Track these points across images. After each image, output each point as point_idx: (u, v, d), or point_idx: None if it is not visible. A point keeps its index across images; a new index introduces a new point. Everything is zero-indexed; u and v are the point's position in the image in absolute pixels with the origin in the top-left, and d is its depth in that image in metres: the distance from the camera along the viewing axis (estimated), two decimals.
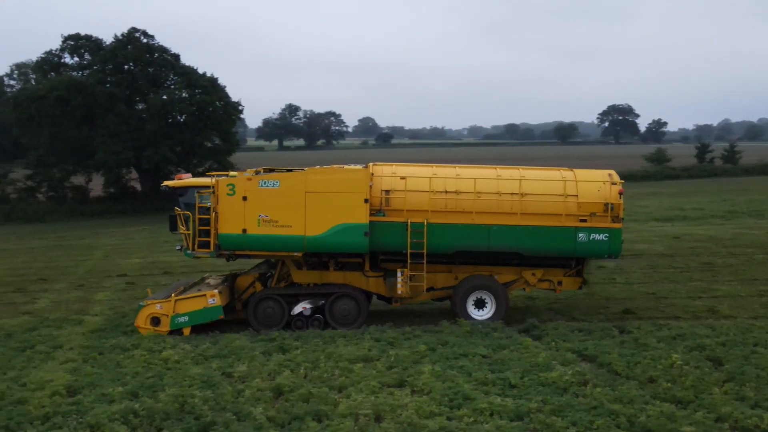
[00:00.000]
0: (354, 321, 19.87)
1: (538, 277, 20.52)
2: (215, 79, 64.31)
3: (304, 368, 15.64)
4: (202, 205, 19.58)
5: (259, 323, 19.79)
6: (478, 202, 19.54)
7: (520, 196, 19.53)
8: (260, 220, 19.24)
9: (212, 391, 14.18)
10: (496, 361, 16.02)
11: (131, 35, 62.52)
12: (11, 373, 16.04)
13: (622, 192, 19.77)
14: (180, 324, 19.38)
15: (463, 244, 19.68)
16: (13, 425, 12.83)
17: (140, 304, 19.81)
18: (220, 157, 63.81)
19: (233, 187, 19.32)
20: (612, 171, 20.44)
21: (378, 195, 19.60)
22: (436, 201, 19.55)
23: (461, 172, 20.08)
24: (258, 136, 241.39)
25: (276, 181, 19.33)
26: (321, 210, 19.16)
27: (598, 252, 19.66)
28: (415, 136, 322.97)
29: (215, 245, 19.53)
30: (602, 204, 19.53)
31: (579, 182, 19.80)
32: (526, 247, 19.64)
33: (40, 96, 57.66)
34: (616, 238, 19.49)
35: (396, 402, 13.53)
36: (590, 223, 19.44)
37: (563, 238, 19.42)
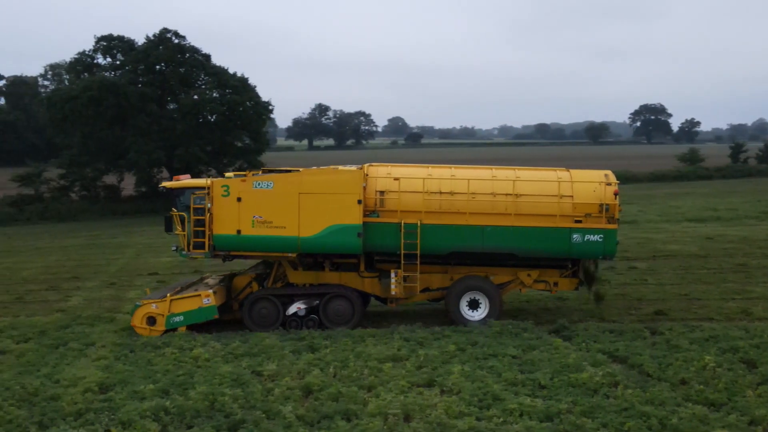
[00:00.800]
0: (348, 321, 19.84)
1: (533, 278, 20.38)
2: (246, 79, 64.66)
3: (333, 367, 15.66)
4: (197, 206, 19.69)
5: (254, 323, 19.87)
6: (472, 203, 19.47)
7: (514, 197, 19.42)
8: (254, 221, 19.34)
9: (242, 390, 14.24)
10: (526, 362, 15.93)
11: (163, 36, 63.00)
12: (45, 370, 16.22)
13: (618, 193, 19.57)
14: (175, 323, 19.47)
15: (457, 245, 19.63)
16: (46, 421, 12.98)
17: (136, 303, 19.92)
18: (250, 157, 64.14)
19: (228, 188, 19.43)
20: (608, 171, 20.24)
21: (372, 196, 19.60)
22: (430, 202, 19.52)
23: (456, 173, 19.99)
24: (288, 136, 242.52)
25: (270, 182, 19.41)
26: (315, 211, 19.22)
27: (593, 253, 19.52)
28: (445, 136, 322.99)
29: (210, 246, 19.66)
30: (598, 205, 19.33)
31: (574, 183, 19.64)
32: (520, 248, 19.56)
33: (73, 96, 58.28)
34: (611, 239, 19.32)
35: (425, 402, 13.50)
36: (585, 224, 19.30)
37: (557, 239, 19.29)
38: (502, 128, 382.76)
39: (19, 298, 25.96)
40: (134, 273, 30.39)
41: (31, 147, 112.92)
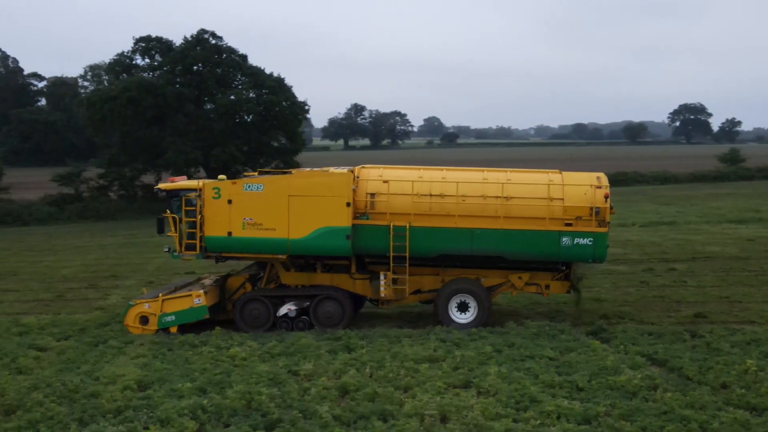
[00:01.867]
0: (338, 323, 19.83)
1: (524, 280, 20.29)
2: (282, 79, 64.94)
3: (369, 367, 15.66)
4: (189, 208, 19.83)
5: (245, 324, 20.00)
6: (461, 206, 19.41)
7: (504, 200, 19.35)
8: (245, 223, 19.47)
9: (279, 389, 14.30)
10: (564, 364, 15.81)
11: (200, 37, 63.49)
12: (84, 367, 16.41)
13: (608, 196, 19.34)
14: (167, 323, 19.67)
15: (446, 248, 19.56)
16: (86, 418, 13.12)
17: (129, 303, 20.17)
18: (286, 157, 64.42)
19: (219, 190, 19.59)
20: (601, 174, 20.06)
21: (363, 198, 19.64)
22: (419, 204, 19.51)
23: (447, 176, 19.96)
24: (324, 136, 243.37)
25: (260, 185, 19.53)
26: (304, 213, 19.29)
27: (583, 256, 19.36)
28: (481, 136, 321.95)
29: (201, 248, 19.83)
30: (588, 208, 19.16)
31: (565, 186, 19.51)
32: (509, 251, 19.45)
33: (112, 97, 58.93)
34: (601, 243, 19.14)
35: (462, 403, 13.45)
36: (575, 227, 19.12)
37: (546, 242, 19.15)
38: (539, 128, 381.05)
39: (60, 296, 26.33)
40: (171, 272, 30.63)
41: (71, 147, 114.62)
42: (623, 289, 24.75)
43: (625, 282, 25.96)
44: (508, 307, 22.29)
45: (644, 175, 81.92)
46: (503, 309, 22.13)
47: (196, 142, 60.78)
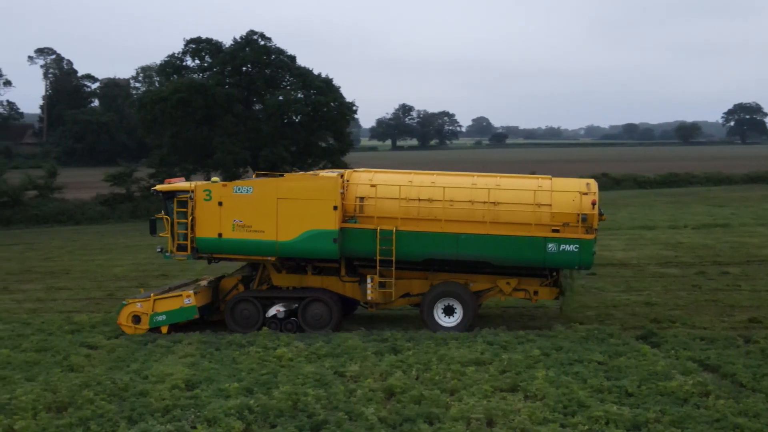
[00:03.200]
0: (326, 325, 19.97)
1: (512, 286, 20.21)
2: (330, 79, 65.08)
3: (416, 370, 15.61)
4: (181, 209, 20.14)
5: (236, 324, 20.24)
6: (447, 211, 19.39)
7: (491, 205, 19.26)
8: (235, 225, 19.70)
9: (325, 390, 14.31)
10: (612, 368, 15.59)
11: (249, 38, 63.94)
12: (134, 366, 16.62)
13: (595, 202, 19.09)
14: (158, 322, 20.01)
15: (432, 252, 19.58)
16: (135, 416, 13.26)
17: (123, 302, 20.54)
18: (334, 157, 64.51)
19: (210, 192, 19.86)
20: (591, 180, 19.93)
21: (352, 202, 19.78)
22: (406, 209, 19.55)
23: (437, 180, 19.94)
24: (371, 136, 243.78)
25: (249, 188, 19.78)
26: (292, 216, 19.45)
27: (569, 263, 19.21)
28: (530, 136, 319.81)
29: (192, 248, 20.09)
30: (575, 214, 18.98)
31: (554, 192, 19.36)
32: (495, 256, 19.38)
33: (163, 98, 59.63)
34: (587, 249, 18.91)
35: (508, 407, 13.32)
36: (562, 234, 18.93)
37: (532, 248, 19.01)
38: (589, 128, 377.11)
39: (111, 294, 26.71)
40: (220, 271, 30.82)
41: (123, 147, 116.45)
42: (674, 292, 24.34)
43: (677, 285, 25.54)
44: (555, 309, 22.03)
45: (697, 176, 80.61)
46: (551, 312, 21.89)
47: (245, 143, 61.21)
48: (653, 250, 33.71)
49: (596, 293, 24.49)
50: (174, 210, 20.19)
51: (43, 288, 28.27)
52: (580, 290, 22.08)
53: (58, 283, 29.26)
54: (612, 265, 29.97)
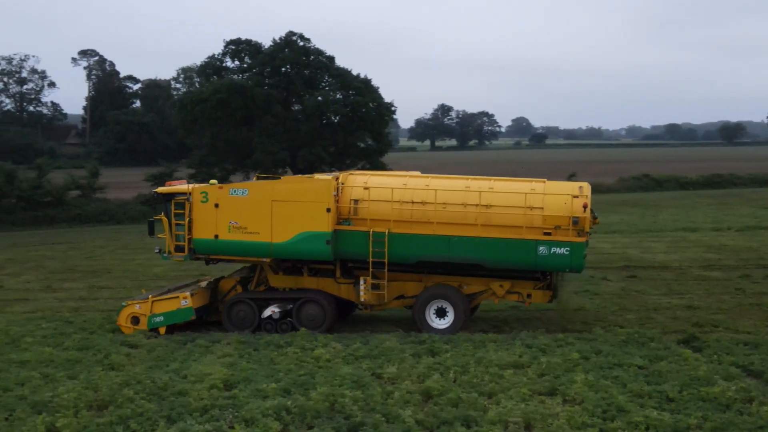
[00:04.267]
0: (320, 325, 20.07)
1: (506, 288, 20.19)
2: (369, 80, 65.16)
3: (453, 372, 15.54)
4: (178, 211, 20.46)
5: (232, 325, 20.48)
6: (440, 213, 19.43)
7: (484, 208, 19.28)
8: (231, 227, 19.98)
9: (362, 392, 14.30)
10: (653, 373, 15.38)
11: (289, 39, 64.26)
12: (173, 365, 16.74)
13: (587, 205, 18.96)
14: (156, 323, 20.28)
15: (424, 255, 19.64)
16: (174, 416, 13.35)
17: (122, 304, 20.89)
18: (372, 158, 64.59)
19: (206, 194, 20.17)
20: (584, 184, 19.85)
21: (347, 204, 19.90)
22: (398, 211, 19.63)
23: (431, 183, 20.05)
24: (410, 137, 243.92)
25: (245, 190, 20.08)
26: (286, 218, 19.64)
27: (560, 265, 19.17)
28: (570, 137, 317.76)
29: (190, 249, 20.44)
30: (567, 217, 18.87)
31: (546, 195, 19.27)
32: (487, 259, 19.39)
33: (203, 99, 60.16)
34: (578, 252, 18.83)
35: (547, 411, 13.21)
36: (553, 237, 18.83)
37: (523, 251, 19.01)
38: (630, 128, 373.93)
39: None
40: None
41: (163, 147, 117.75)
42: (717, 296, 23.97)
43: (720, 289, 25.15)
44: (596, 313, 21.83)
45: (741, 178, 79.51)
46: (590, 315, 21.69)
47: (284, 143, 61.53)
48: (696, 252, 33.25)
49: (637, 296, 24.22)
50: (172, 212, 20.54)
51: (85, 287, 28.64)
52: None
53: (99, 282, 29.63)
54: (653, 267, 29.61)
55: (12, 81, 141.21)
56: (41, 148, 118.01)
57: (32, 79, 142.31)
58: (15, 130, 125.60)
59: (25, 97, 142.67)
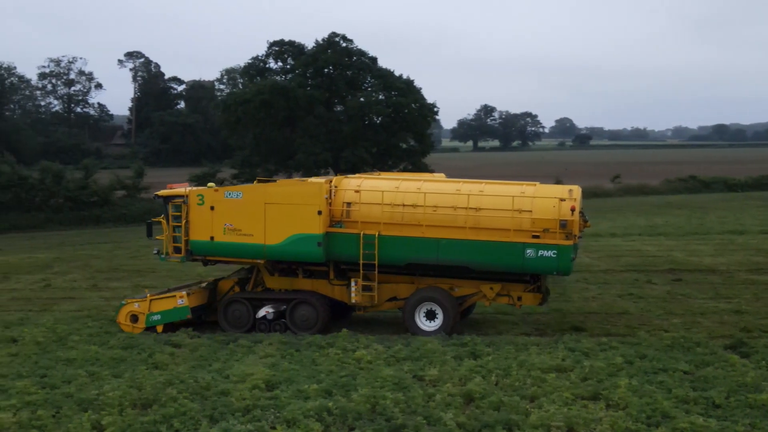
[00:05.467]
0: (312, 326, 20.36)
1: (495, 291, 20.22)
2: (411, 81, 65.20)
3: (495, 375, 15.45)
4: (175, 213, 20.90)
5: (228, 324, 20.88)
6: (430, 216, 19.56)
7: (473, 211, 19.37)
8: (226, 229, 20.34)
9: (403, 394, 14.26)
10: (699, 378, 15.14)
11: (331, 40, 64.52)
12: (216, 365, 16.86)
13: (575, 209, 18.83)
14: (154, 322, 20.76)
15: (414, 257, 19.80)
16: (216, 415, 13.44)
17: (122, 302, 21.41)
18: (415, 158, 64.59)
19: (202, 197, 20.55)
20: (575, 187, 19.72)
21: (340, 207, 20.15)
22: (389, 214, 19.81)
23: (423, 186, 20.15)
24: (453, 137, 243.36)
25: (239, 193, 20.38)
26: (279, 220, 19.92)
27: (547, 268, 19.13)
28: (615, 138, 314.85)
29: (186, 251, 20.82)
30: (555, 221, 18.80)
31: (535, 198, 19.22)
32: (475, 261, 19.46)
33: (246, 99, 60.67)
34: (565, 255, 18.76)
35: (590, 415, 13.06)
36: (542, 240, 18.83)
37: (511, 254, 19.04)
38: (677, 129, 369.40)
39: None
40: None
41: (207, 148, 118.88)
42: (766, 300, 23.53)
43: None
44: (640, 316, 21.56)
45: None
46: (634, 318, 21.42)
47: (326, 144, 61.79)
48: (743, 255, 32.66)
49: (682, 300, 23.86)
50: (170, 214, 20.98)
51: (130, 286, 28.97)
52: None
53: (144, 282, 29.94)
54: (699, 271, 29.14)
55: (60, 83, 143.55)
56: (88, 148, 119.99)
57: (80, 81, 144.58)
58: (63, 131, 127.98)
59: (72, 98, 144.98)
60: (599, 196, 75.22)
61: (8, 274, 33.55)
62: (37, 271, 34.06)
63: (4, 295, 28.20)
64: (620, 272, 29.00)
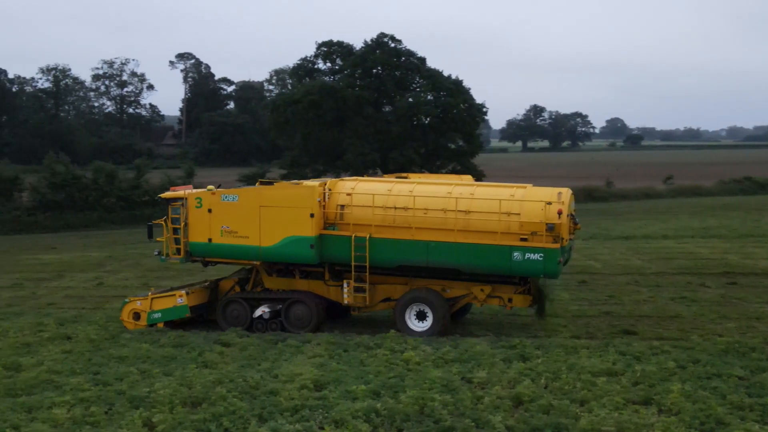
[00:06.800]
0: (307, 325, 20.78)
1: (486, 293, 20.36)
2: (460, 81, 64.96)
3: (545, 378, 15.28)
4: (175, 216, 21.38)
5: (227, 323, 21.27)
6: (420, 219, 19.75)
7: (463, 214, 19.46)
8: (223, 231, 20.78)
9: (452, 396, 14.19)
10: (755, 384, 14.79)
11: (380, 40, 64.56)
12: (264, 364, 16.95)
13: (562, 212, 18.71)
14: (155, 319, 21.35)
15: (404, 259, 20.00)
16: (265, 414, 13.51)
17: (125, 300, 22.02)
18: (463, 159, 64.35)
19: (200, 200, 20.99)
20: (565, 190, 19.61)
21: (334, 210, 20.44)
22: (381, 216, 20.03)
23: (415, 189, 20.29)
24: (502, 138, 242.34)
25: (235, 196, 20.75)
26: (273, 223, 20.29)
27: (534, 271, 19.21)
28: (667, 138, 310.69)
29: (186, 252, 21.24)
30: (543, 224, 18.80)
31: (524, 201, 19.24)
32: (463, 264, 19.62)
33: (295, 100, 61.02)
34: (552, 259, 18.72)
35: (641, 421, 12.85)
36: (529, 243, 18.86)
37: (498, 256, 19.14)
38: (731, 129, 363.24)
39: None
40: None
41: (256, 148, 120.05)
42: None
43: None
44: (693, 320, 21.17)
45: None
46: (687, 322, 21.04)
47: (375, 144, 61.87)
48: None
49: (737, 304, 23.38)
50: (170, 216, 21.45)
51: (181, 285, 29.27)
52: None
53: (194, 280, 30.23)
54: (755, 274, 28.55)
55: (113, 84, 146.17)
56: (140, 148, 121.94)
57: (132, 82, 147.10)
58: (115, 131, 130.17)
59: (125, 99, 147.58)
60: (651, 197, 74.36)
61: (63, 272, 34.23)
62: (90, 270, 34.69)
63: (58, 293, 28.78)
64: (672, 275, 28.54)
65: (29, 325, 21.70)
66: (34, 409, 14.13)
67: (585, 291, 25.75)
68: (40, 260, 38.97)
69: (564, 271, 29.52)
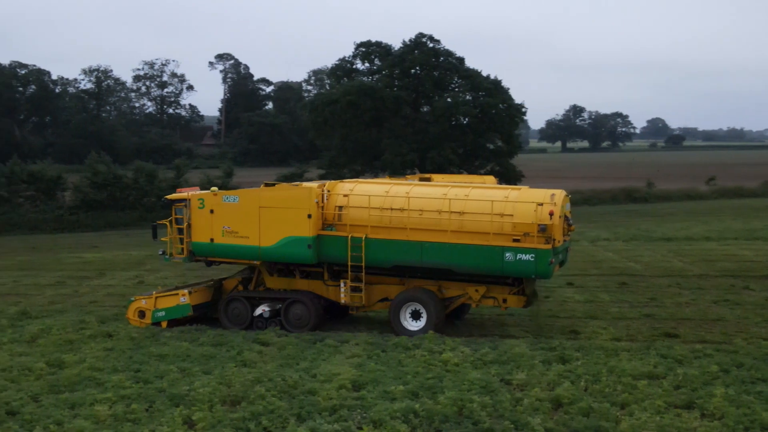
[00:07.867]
0: (306, 325, 21.06)
1: (481, 293, 20.44)
2: (499, 81, 64.56)
3: (584, 381, 15.15)
4: (178, 216, 21.91)
5: (229, 321, 21.78)
6: (415, 220, 19.97)
7: (456, 215, 19.62)
8: (224, 231, 21.26)
9: (490, 398, 14.12)
10: None
11: (418, 41, 64.42)
12: (303, 364, 17.02)
13: (553, 213, 18.83)
14: (159, 318, 21.80)
15: (398, 260, 20.23)
16: (304, 414, 13.56)
17: (130, 299, 22.54)
18: (502, 159, 63.98)
19: (203, 201, 21.48)
20: (557, 191, 19.54)
21: (332, 211, 20.75)
22: (377, 217, 20.28)
23: (411, 191, 20.48)
24: (541, 138, 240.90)
25: (236, 197, 21.21)
26: (272, 223, 20.71)
27: (525, 272, 19.25)
28: (710, 138, 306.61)
29: (189, 252, 21.77)
30: (535, 225, 18.88)
31: (517, 203, 19.37)
32: (456, 264, 19.76)
33: (333, 100, 61.11)
34: (543, 259, 18.79)
35: (683, 425, 12.70)
36: (522, 244, 18.96)
37: (490, 257, 19.26)
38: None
39: None
40: None
41: (294, 148, 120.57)
42: None
43: None
44: (737, 324, 20.83)
45: None
46: (731, 325, 20.70)
47: (413, 144, 61.74)
48: None
49: None
50: (174, 217, 21.88)
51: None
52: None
53: None
54: None
55: (154, 85, 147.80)
56: (179, 148, 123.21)
57: (172, 83, 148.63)
58: (155, 131, 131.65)
59: (165, 99, 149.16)
60: (693, 198, 73.37)
61: (104, 270, 34.66)
62: (130, 268, 35.09)
63: (100, 291, 29.15)
64: (715, 277, 28.11)
65: (72, 322, 22.01)
66: (77, 405, 14.34)
67: (626, 293, 25.47)
68: (82, 259, 39.50)
69: (603, 272, 29.41)
